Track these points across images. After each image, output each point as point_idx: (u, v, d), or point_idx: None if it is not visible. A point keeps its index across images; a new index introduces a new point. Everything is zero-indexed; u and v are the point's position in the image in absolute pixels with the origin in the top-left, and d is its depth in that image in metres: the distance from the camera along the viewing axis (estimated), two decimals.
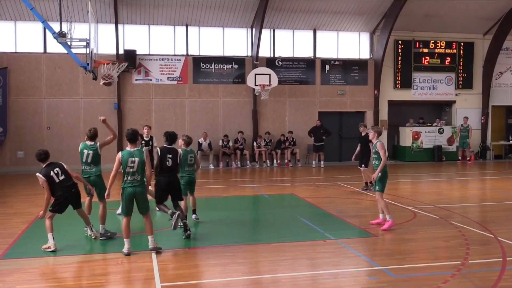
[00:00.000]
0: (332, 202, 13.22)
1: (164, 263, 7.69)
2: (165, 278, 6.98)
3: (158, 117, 21.94)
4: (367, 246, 8.91)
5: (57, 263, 7.92)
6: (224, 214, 12.34)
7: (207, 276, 7.15)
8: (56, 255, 8.36)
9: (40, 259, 8.15)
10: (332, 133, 22.77)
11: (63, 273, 7.46)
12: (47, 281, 7.16)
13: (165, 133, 10.26)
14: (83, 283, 6.90)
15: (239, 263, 7.82)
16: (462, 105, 25.20)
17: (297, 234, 9.65)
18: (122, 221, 8.55)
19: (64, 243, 9.37)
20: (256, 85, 21.30)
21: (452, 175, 19.69)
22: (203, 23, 22.28)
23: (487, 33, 24.98)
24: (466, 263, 7.59)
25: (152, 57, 21.92)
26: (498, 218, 11.15)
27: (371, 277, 7.11)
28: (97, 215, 9.52)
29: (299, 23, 23.01)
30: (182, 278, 7.04)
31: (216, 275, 7.22)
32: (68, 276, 7.32)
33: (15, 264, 7.75)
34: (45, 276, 7.37)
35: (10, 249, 8.60)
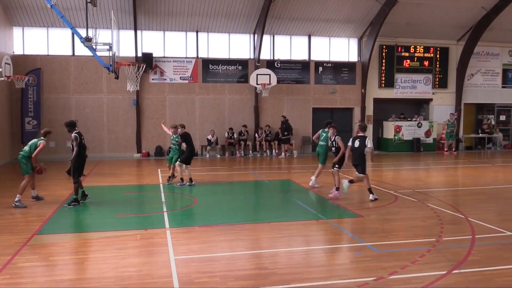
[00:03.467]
0: (324, 186, 13.22)
1: (177, 239, 7.72)
2: (178, 252, 7.01)
3: (171, 112, 21.92)
4: (355, 225, 8.92)
5: (84, 238, 7.96)
6: (229, 197, 12.39)
7: (214, 251, 7.17)
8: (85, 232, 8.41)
9: (70, 235, 8.20)
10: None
11: (89, 247, 7.50)
12: (76, 253, 7.19)
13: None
14: (107, 255, 6.93)
15: (242, 239, 7.84)
16: (438, 103, 25.14)
17: (293, 215, 9.67)
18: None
19: (90, 221, 9.44)
20: (258, 84, 21.24)
21: (429, 163, 19.67)
22: (211, 30, 22.19)
23: (460, 40, 24.85)
24: (440, 240, 7.60)
25: (167, 59, 21.85)
26: (468, 201, 11.17)
27: (357, 252, 7.13)
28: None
29: (296, 29, 22.91)
30: (193, 252, 7.07)
31: (222, 249, 7.25)
32: (94, 250, 7.35)
33: (49, 239, 7.79)
34: (74, 249, 7.41)
35: (44, 226, 8.63)
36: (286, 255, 7.03)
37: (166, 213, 9.73)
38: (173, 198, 11.62)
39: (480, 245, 7.34)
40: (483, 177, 15.34)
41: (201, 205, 10.66)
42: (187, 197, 11.56)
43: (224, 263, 6.62)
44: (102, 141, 21.24)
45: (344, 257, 7.01)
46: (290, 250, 7.26)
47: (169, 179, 13.57)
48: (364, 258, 6.78)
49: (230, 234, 8.07)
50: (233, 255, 7.00)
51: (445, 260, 6.61)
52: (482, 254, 6.87)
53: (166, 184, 13.33)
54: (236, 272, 6.22)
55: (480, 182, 14.16)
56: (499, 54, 25.82)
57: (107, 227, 8.67)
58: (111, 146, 21.34)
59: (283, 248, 7.37)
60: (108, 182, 13.20)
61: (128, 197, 11.88)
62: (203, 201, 11.13)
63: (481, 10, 22.93)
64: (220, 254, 7.03)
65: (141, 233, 8.14)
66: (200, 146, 22.02)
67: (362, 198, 11.97)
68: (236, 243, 7.62)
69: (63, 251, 7.25)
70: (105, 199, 11.34)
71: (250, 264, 6.63)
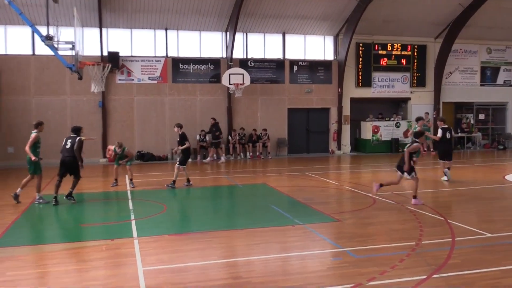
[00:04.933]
0: (300, 190, 13.26)
1: (145, 249, 7.59)
2: (146, 263, 6.89)
3: (139, 114, 21.67)
4: (332, 230, 8.95)
5: (45, 251, 7.75)
6: (201, 203, 12.30)
7: (185, 260, 7.09)
8: (44, 243, 8.20)
9: (30, 247, 7.98)
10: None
11: (51, 260, 7.31)
12: (36, 267, 7.00)
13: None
14: (70, 268, 6.77)
15: (215, 247, 7.77)
16: (416, 102, 25.54)
17: (268, 220, 9.64)
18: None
19: (52, 232, 9.22)
20: (231, 84, 21.21)
21: None
22: (181, 27, 22.05)
23: (438, 37, 25.33)
24: (419, 243, 7.68)
25: (134, 58, 21.61)
26: (448, 203, 11.35)
27: (335, 258, 7.14)
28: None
29: (270, 27, 22.96)
30: (162, 262, 6.97)
31: (193, 259, 7.16)
32: (55, 263, 7.16)
33: (6, 252, 7.56)
34: (34, 263, 7.21)
35: (1, 238, 8.38)
36: (261, 263, 6.99)
37: (134, 221, 9.58)
38: (142, 206, 11.46)
39: (461, 248, 7.44)
40: (462, 177, 15.63)
41: (171, 212, 10.55)
42: (156, 204, 11.42)
43: (196, 273, 6.53)
44: None
45: (321, 263, 7.01)
46: (266, 257, 7.22)
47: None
48: (342, 264, 6.79)
49: (202, 242, 7.99)
50: (205, 265, 6.92)
51: (425, 264, 6.67)
52: (462, 257, 6.97)
53: None
54: (208, 282, 6.15)
55: (459, 183, 14.41)
56: (477, 52, 26.42)
57: (70, 237, 8.48)
58: None
59: (258, 255, 7.33)
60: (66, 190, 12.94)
61: (93, 205, 11.67)
62: (173, 208, 11.02)
63: (458, 7, 23.42)
64: (191, 263, 6.94)
65: (107, 243, 7.98)
66: (170, 150, 21.83)
67: (340, 202, 12.05)
68: (208, 251, 7.54)
69: (21, 265, 7.03)
70: (68, 208, 11.11)
71: (223, 274, 6.56)
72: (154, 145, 21.89)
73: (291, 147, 23.79)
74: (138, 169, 18.36)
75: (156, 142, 21.92)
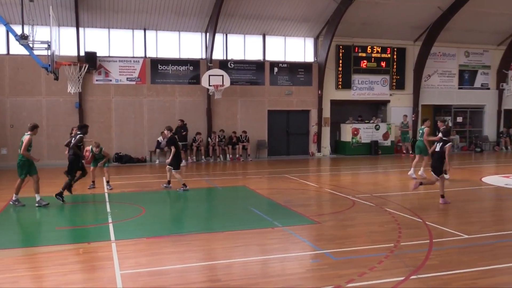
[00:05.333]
0: (280, 193, 13.34)
1: (123, 252, 7.57)
2: (124, 266, 6.87)
3: (118, 115, 21.51)
4: (311, 232, 9.05)
5: (20, 255, 7.66)
6: (180, 205, 12.29)
7: (164, 263, 7.08)
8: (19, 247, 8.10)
9: (3, 251, 7.87)
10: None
11: (26, 264, 7.23)
12: (10, 271, 6.91)
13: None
14: (46, 272, 6.70)
15: (194, 250, 7.78)
16: (396, 104, 25.88)
17: (248, 223, 9.69)
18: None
19: (27, 235, 9.11)
20: (210, 85, 21.21)
21: (387, 167, 20.21)
22: (160, 27, 21.97)
23: (417, 40, 25.73)
24: (398, 245, 7.82)
25: (112, 58, 21.45)
26: (426, 205, 11.55)
27: (314, 260, 7.22)
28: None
29: (250, 28, 23.03)
30: (141, 265, 6.96)
31: (172, 262, 7.17)
32: (31, 267, 7.09)
33: None
34: (7, 267, 7.11)
35: None
36: (240, 265, 7.03)
37: (111, 224, 9.52)
38: (120, 208, 11.39)
39: (438, 249, 7.60)
40: None
41: (149, 215, 10.51)
42: (135, 207, 11.37)
43: (175, 276, 6.54)
44: (41, 147, 20.52)
45: (300, 265, 7.08)
46: (245, 260, 7.27)
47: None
48: (321, 266, 6.88)
49: (181, 245, 7.99)
50: (185, 268, 6.93)
51: (403, 265, 6.80)
52: (440, 259, 7.12)
53: None
54: (187, 285, 6.17)
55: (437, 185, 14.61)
56: (456, 55, 26.92)
57: (46, 241, 8.40)
58: (51, 153, 20.67)
59: (237, 258, 7.37)
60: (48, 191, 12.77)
61: (69, 208, 11.56)
62: (152, 210, 10.98)
63: (437, 10, 23.83)
64: (170, 267, 6.94)
65: (83, 246, 7.94)
66: (148, 151, 21.73)
67: (320, 204, 12.17)
68: (187, 254, 7.56)
69: None
70: (44, 211, 10.99)
71: (203, 277, 6.58)
72: (132, 146, 21.76)
73: (271, 149, 23.88)
74: (116, 171, 18.23)
75: (134, 144, 21.79)
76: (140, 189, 14.00)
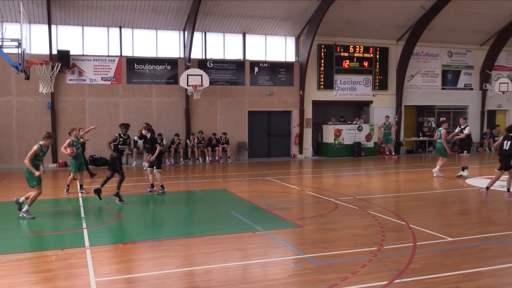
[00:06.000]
0: (261, 196, 13.36)
1: (98, 259, 7.48)
2: (100, 273, 6.79)
3: (92, 116, 21.28)
4: (293, 236, 9.07)
5: None
6: (158, 209, 12.22)
7: (141, 270, 7.03)
8: None
9: None
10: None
11: None
12: None
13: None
14: (17, 281, 6.59)
15: (173, 256, 7.74)
16: (379, 105, 26.14)
17: (228, 227, 9.67)
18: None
19: None
20: (189, 85, 21.14)
21: (370, 169, 20.39)
22: (136, 25, 21.83)
23: (400, 39, 26.04)
24: (381, 249, 7.89)
25: (86, 57, 21.23)
26: (410, 207, 11.68)
27: (296, 265, 7.24)
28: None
29: (230, 26, 23.03)
30: (117, 272, 6.89)
31: (150, 268, 7.12)
32: (2, 275, 6.96)
33: None
34: None
35: None
36: (220, 271, 7.01)
37: (86, 229, 9.42)
38: (94, 213, 11.28)
39: (422, 252, 7.69)
40: (423, 181, 16.11)
41: (126, 220, 10.43)
42: (110, 211, 11.26)
43: (152, 283, 6.50)
44: (11, 150, 20.24)
45: (282, 270, 7.09)
46: (225, 265, 7.25)
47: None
48: (303, 271, 6.90)
49: (158, 251, 7.94)
50: (163, 274, 6.89)
51: (386, 269, 6.86)
52: (423, 262, 7.20)
53: None
54: None
55: (421, 187, 14.86)
56: (439, 55, 27.32)
57: (17, 248, 8.25)
58: (22, 156, 20.14)
59: (217, 263, 7.35)
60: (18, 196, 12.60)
61: (41, 213, 11.38)
62: (128, 215, 10.89)
63: (420, 10, 24.16)
64: (147, 273, 6.89)
65: (56, 253, 7.83)
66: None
67: (302, 207, 12.22)
68: (165, 260, 7.51)
69: None
70: (15, 216, 10.80)
71: (182, 283, 6.55)
72: (108, 149, 21.45)
73: (252, 151, 23.90)
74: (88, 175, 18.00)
75: None
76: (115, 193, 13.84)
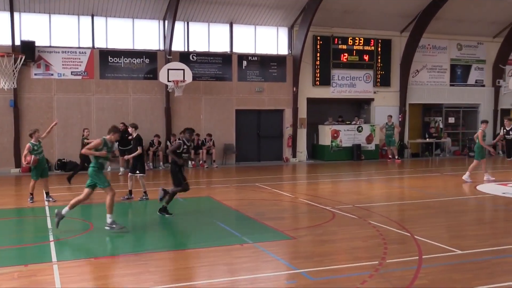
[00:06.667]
0: (250, 204, 13.37)
1: (67, 275, 7.44)
2: None
3: (61, 115, 21.15)
4: (286, 249, 9.10)
5: None
6: (136, 219, 12.18)
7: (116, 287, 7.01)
8: None
9: None
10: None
11: None
12: None
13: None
14: None
15: (152, 271, 7.72)
16: (380, 103, 26.25)
17: (213, 239, 9.67)
18: None
19: None
20: (169, 81, 21.10)
21: (371, 174, 20.49)
22: (110, 14, 21.78)
23: (404, 30, 26.19)
24: (383, 262, 7.93)
25: (54, 49, 21.14)
26: (415, 217, 11.75)
27: (289, 281, 7.26)
28: None
29: (215, 15, 23.04)
30: None
31: (126, 285, 7.08)
32: None
33: None
34: None
35: None
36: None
37: (53, 242, 9.37)
38: (63, 224, 11.20)
39: (428, 267, 7.74)
40: (430, 188, 16.22)
41: (99, 231, 10.38)
42: (81, 222, 11.22)
43: None
44: None
45: (273, 287, 7.11)
46: (211, 281, 7.24)
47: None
48: (297, 287, 6.92)
49: (136, 266, 7.92)
50: None
51: (389, 285, 6.90)
52: (430, 277, 7.25)
53: None
54: None
55: (427, 194, 14.95)
56: (447, 48, 27.52)
57: None
58: None
59: (202, 279, 7.35)
60: None
61: (2, 225, 11.32)
62: (101, 226, 10.84)
63: None
64: None
65: (19, 270, 7.76)
66: None
67: (295, 217, 12.24)
68: (144, 276, 7.49)
69: None
70: None
71: None
72: (78, 152, 21.28)
73: (240, 154, 23.92)
74: (59, 180, 17.94)
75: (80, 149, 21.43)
76: (87, 202, 13.78)
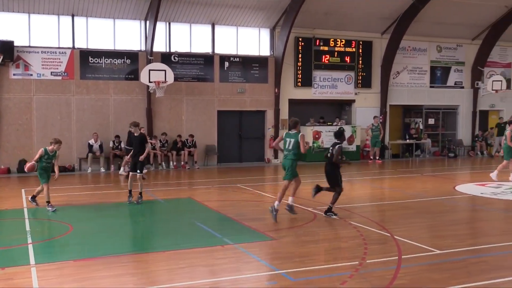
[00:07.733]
0: (231, 205, 13.37)
1: (45, 278, 7.37)
2: None
3: (40, 116, 20.95)
4: (267, 250, 9.11)
5: None
6: (115, 222, 12.08)
7: None
8: None
9: None
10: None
11: None
12: None
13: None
14: None
15: (132, 273, 7.69)
16: (362, 104, 26.42)
17: (194, 240, 9.65)
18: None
19: None
20: (151, 81, 21.00)
21: (352, 175, 20.56)
22: (91, 13, 21.61)
23: (384, 32, 26.40)
24: (363, 263, 7.99)
25: (33, 49, 20.92)
26: (395, 217, 11.86)
27: (270, 282, 7.27)
28: None
29: (197, 16, 22.99)
30: None
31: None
32: None
33: None
34: None
35: None
36: None
37: (31, 245, 9.28)
38: (41, 226, 11.14)
39: (407, 267, 7.81)
40: (410, 188, 16.38)
41: (78, 233, 10.30)
42: (60, 224, 11.12)
43: None
44: None
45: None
46: (191, 283, 7.23)
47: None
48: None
49: (116, 268, 7.88)
50: None
51: (369, 285, 6.95)
52: (409, 277, 7.32)
53: None
54: None
55: (407, 195, 15.09)
56: (427, 50, 27.79)
57: None
58: None
59: (182, 281, 7.33)
60: None
61: None
62: (81, 228, 10.77)
63: (407, 0, 24.52)
64: None
65: None
66: (78, 158, 21.29)
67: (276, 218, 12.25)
68: (124, 278, 7.45)
69: None
70: None
71: None
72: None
73: (222, 155, 23.89)
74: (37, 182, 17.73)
75: (60, 150, 21.22)
76: (66, 203, 13.70)
